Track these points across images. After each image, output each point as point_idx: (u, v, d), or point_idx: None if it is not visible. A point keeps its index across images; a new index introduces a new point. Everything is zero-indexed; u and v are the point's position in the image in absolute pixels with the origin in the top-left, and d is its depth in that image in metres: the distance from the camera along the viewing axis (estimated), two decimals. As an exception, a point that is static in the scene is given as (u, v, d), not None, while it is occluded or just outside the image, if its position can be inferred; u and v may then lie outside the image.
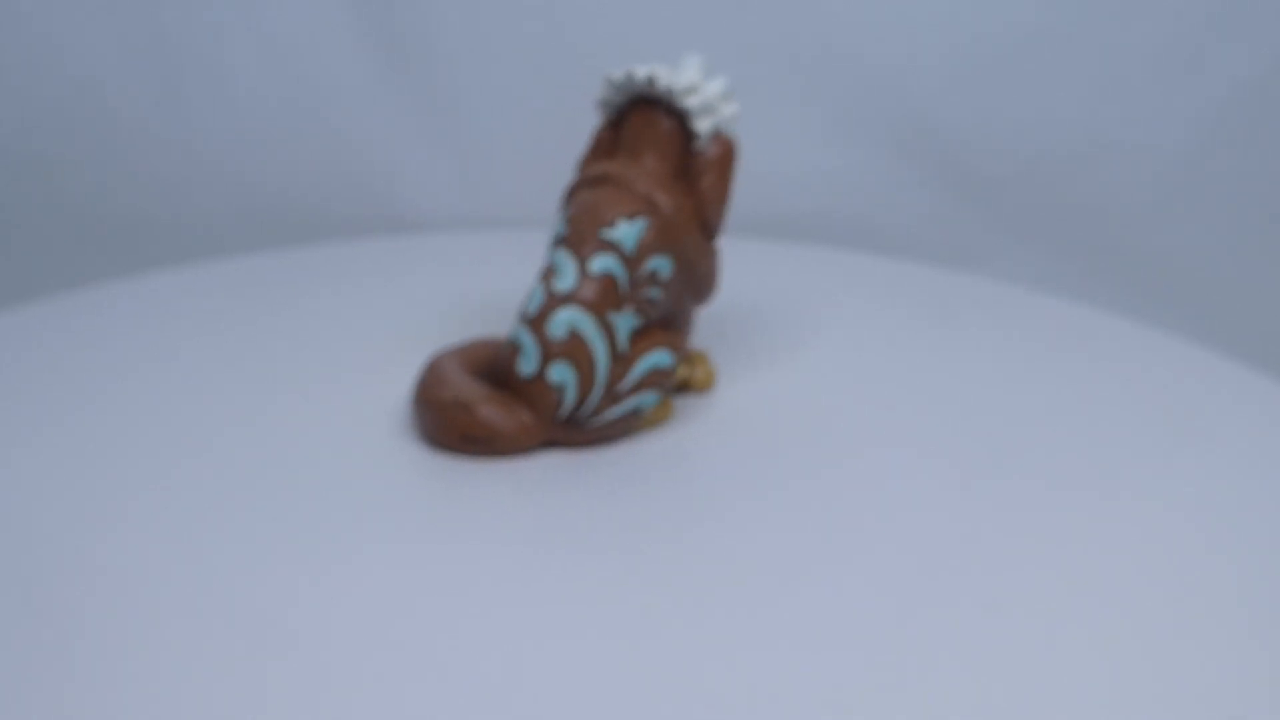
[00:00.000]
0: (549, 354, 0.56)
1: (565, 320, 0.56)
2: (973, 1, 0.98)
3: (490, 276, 0.86)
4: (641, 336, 0.58)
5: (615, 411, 0.57)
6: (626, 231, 0.56)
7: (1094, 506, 0.54)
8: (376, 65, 1.01)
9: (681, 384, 0.64)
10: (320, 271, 0.86)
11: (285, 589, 0.46)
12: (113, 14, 1.00)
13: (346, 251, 0.92)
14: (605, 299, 0.56)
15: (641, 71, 0.58)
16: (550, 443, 0.58)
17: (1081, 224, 1.06)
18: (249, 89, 1.02)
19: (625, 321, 0.57)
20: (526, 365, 0.57)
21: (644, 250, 0.57)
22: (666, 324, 0.60)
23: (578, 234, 0.57)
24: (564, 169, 1.08)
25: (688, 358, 0.64)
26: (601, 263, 0.56)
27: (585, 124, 1.03)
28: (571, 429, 0.57)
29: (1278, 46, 0.99)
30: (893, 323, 0.77)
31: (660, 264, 0.57)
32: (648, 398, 0.58)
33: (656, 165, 0.59)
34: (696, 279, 0.60)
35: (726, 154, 0.60)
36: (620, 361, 0.57)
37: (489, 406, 0.57)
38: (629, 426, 0.59)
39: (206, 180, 1.05)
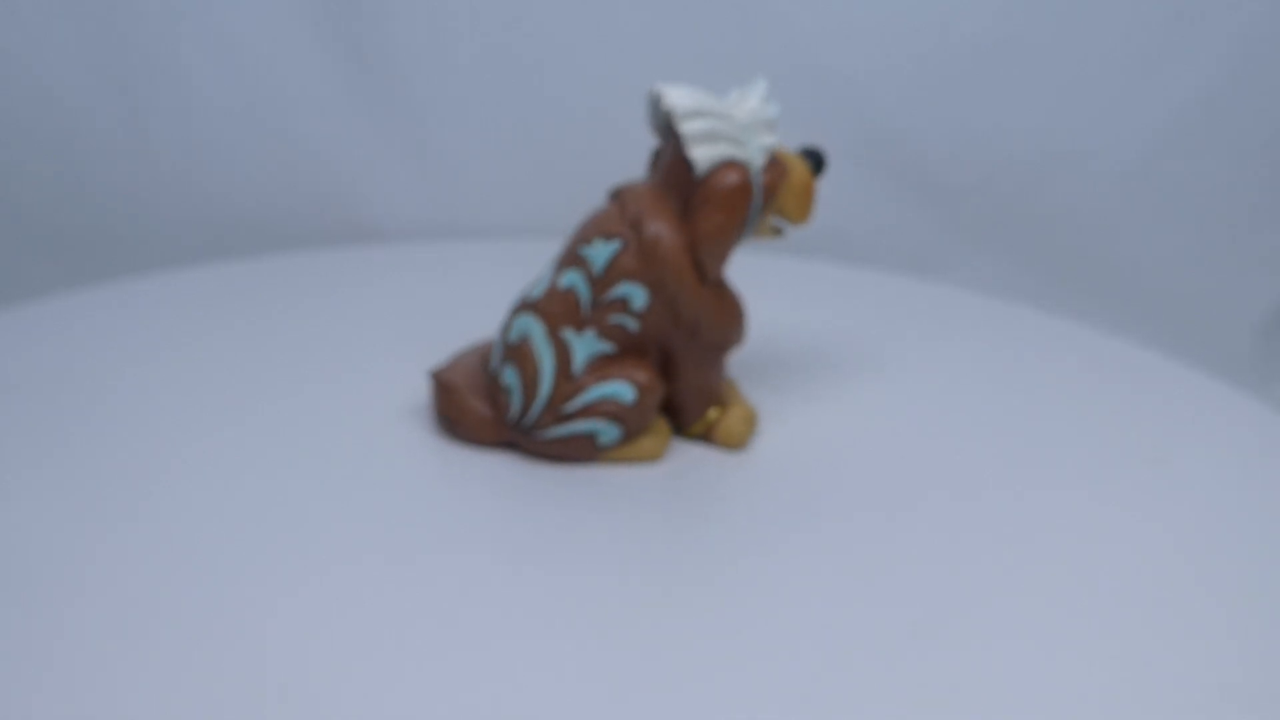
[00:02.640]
0: (505, 355, 0.57)
1: (521, 326, 0.56)
2: (934, 13, 0.99)
3: (458, 285, 0.86)
4: (606, 363, 0.55)
5: (560, 430, 0.55)
6: (599, 251, 0.54)
7: (1088, 523, 0.54)
8: (338, 74, 1.01)
9: (704, 431, 0.59)
10: (285, 280, 0.85)
11: (292, 597, 0.46)
12: (70, 21, 0.98)
13: (310, 261, 0.91)
14: (563, 314, 0.55)
15: (654, 90, 0.54)
16: (510, 444, 0.58)
17: (1042, 232, 1.07)
18: (209, 98, 1.01)
19: (585, 343, 0.55)
20: (494, 361, 0.58)
21: (614, 273, 0.54)
22: (642, 356, 0.56)
23: (567, 245, 0.56)
24: (526, 178, 1.08)
25: (721, 405, 0.59)
26: (569, 278, 0.55)
27: (546, 133, 1.04)
28: (523, 436, 0.57)
29: (1232, 57, 1.01)
30: (856, 331, 0.77)
31: (632, 291, 0.54)
32: (602, 427, 0.55)
33: (665, 191, 0.55)
34: (685, 320, 0.55)
35: (725, 190, 0.53)
36: (570, 381, 0.55)
37: (465, 395, 0.58)
38: (588, 452, 0.56)
39: (166, 190, 1.04)
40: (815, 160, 0.57)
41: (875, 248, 1.04)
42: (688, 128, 0.52)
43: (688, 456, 0.59)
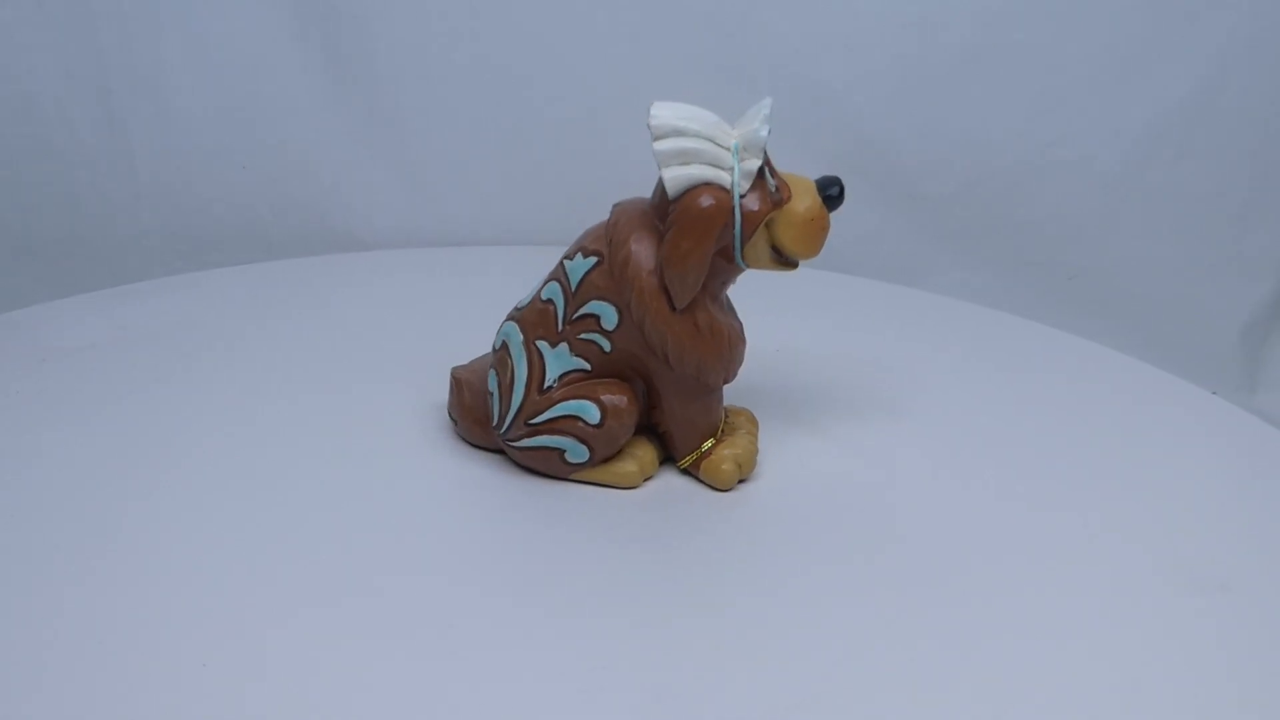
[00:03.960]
0: (492, 360, 0.57)
1: (505, 332, 0.56)
2: (915, 22, 1.00)
3: (440, 293, 0.86)
4: (579, 381, 0.54)
5: (531, 442, 0.54)
6: (577, 266, 0.53)
7: (1076, 536, 0.53)
8: (319, 84, 1.00)
9: (694, 463, 0.56)
10: (268, 289, 0.85)
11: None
12: (49, 32, 0.98)
13: (291, 270, 0.91)
14: (539, 325, 0.54)
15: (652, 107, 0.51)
16: (497, 450, 0.58)
17: (1024, 239, 1.07)
18: (189, 107, 1.00)
19: (558, 357, 0.54)
20: (490, 365, 0.58)
21: (587, 290, 0.52)
22: (619, 379, 0.54)
23: (562, 258, 0.55)
24: (507, 188, 1.08)
25: (718, 438, 0.56)
26: (550, 289, 0.54)
27: (528, 144, 1.04)
28: (503, 443, 0.56)
29: (1211, 65, 1.01)
30: (841, 335, 0.77)
31: (603, 310, 0.52)
32: (569, 444, 0.54)
33: (655, 210, 0.52)
34: (654, 346, 0.52)
35: (692, 214, 0.50)
36: (542, 394, 0.54)
37: (466, 396, 0.58)
38: (560, 468, 0.55)
39: (146, 200, 1.03)
40: (830, 191, 0.52)
41: (857, 255, 1.04)
42: (659, 146, 0.50)
43: (674, 487, 0.56)
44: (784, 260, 0.53)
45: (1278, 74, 1.02)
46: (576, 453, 0.54)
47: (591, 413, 0.53)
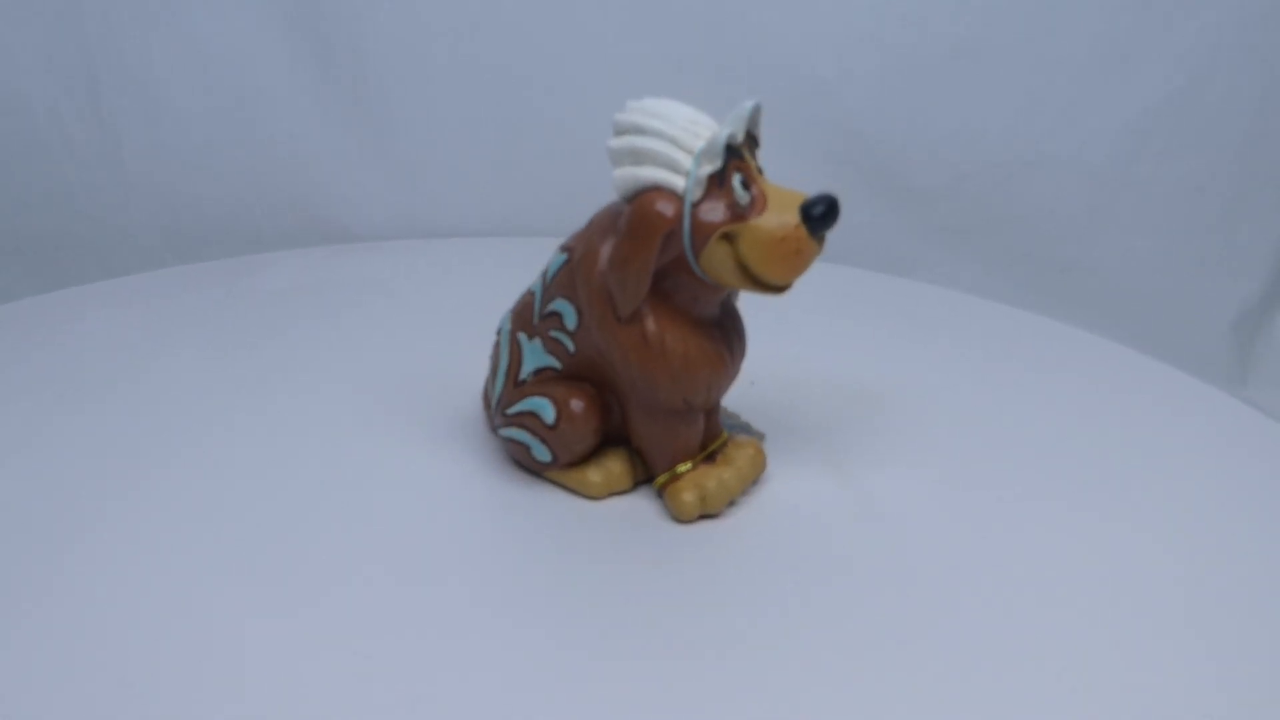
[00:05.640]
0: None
1: (502, 319, 0.56)
2: (906, 16, 1.00)
3: (432, 284, 0.85)
4: (548, 378, 0.52)
5: (506, 433, 0.54)
6: (554, 261, 0.52)
7: (1074, 528, 0.52)
8: (309, 78, 1.00)
9: (664, 485, 0.52)
10: (259, 283, 0.85)
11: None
12: (37, 27, 0.97)
13: (281, 263, 0.91)
14: (522, 317, 0.53)
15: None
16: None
17: (1014, 233, 1.07)
18: (179, 103, 1.00)
19: (533, 352, 0.52)
20: None
21: (555, 286, 0.50)
22: (586, 379, 0.52)
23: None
24: (497, 181, 1.08)
25: (698, 462, 0.52)
26: (535, 282, 0.53)
27: (517, 137, 1.03)
28: (494, 429, 0.56)
29: (1199, 59, 1.01)
30: (834, 324, 0.78)
31: (564, 309, 0.50)
32: (531, 441, 0.52)
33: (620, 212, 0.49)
34: (604, 352, 0.49)
35: (634, 218, 0.46)
36: (518, 386, 0.53)
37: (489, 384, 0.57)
38: (531, 464, 0.54)
39: (136, 195, 1.03)
40: (814, 210, 0.45)
41: (848, 248, 1.04)
42: (611, 144, 0.47)
43: (644, 508, 0.53)
44: (756, 280, 0.47)
45: (1265, 67, 1.02)
46: (539, 451, 0.53)
47: (548, 412, 0.51)
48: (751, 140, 0.48)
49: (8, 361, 0.68)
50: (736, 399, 0.59)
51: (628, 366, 0.49)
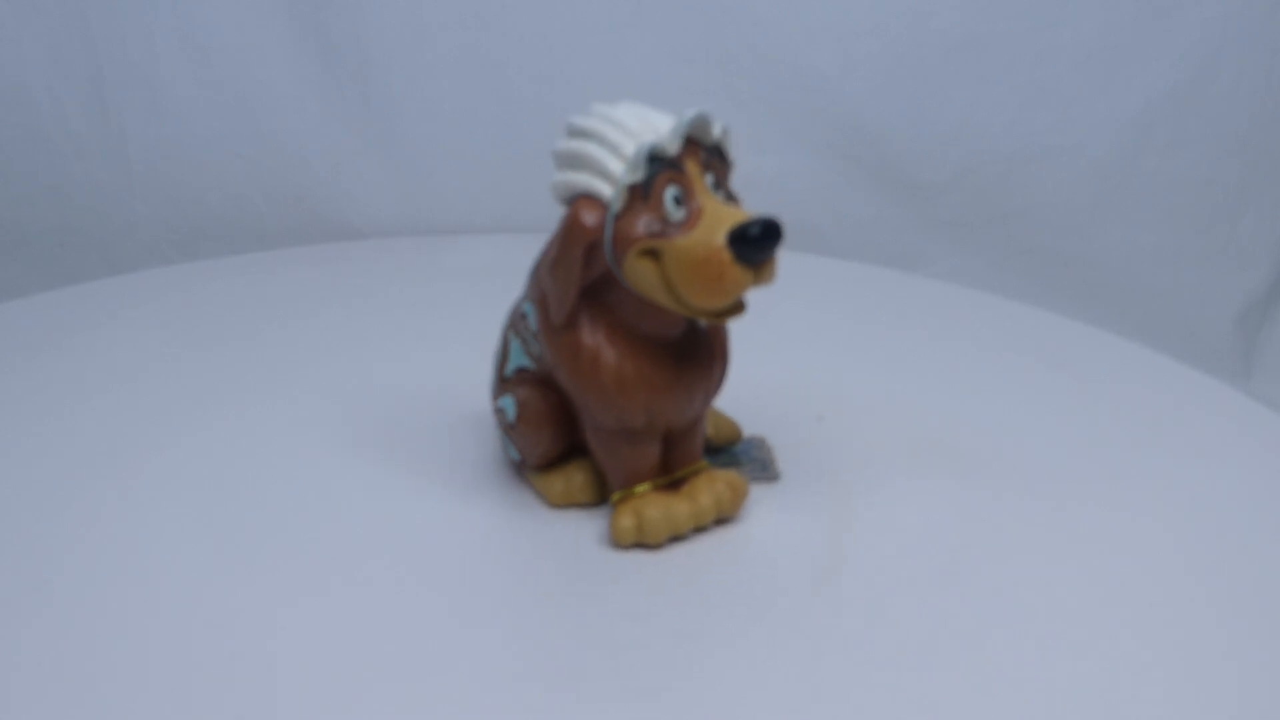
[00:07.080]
0: None
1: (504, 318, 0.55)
2: (908, 9, 0.99)
3: (437, 281, 0.85)
4: (524, 379, 0.51)
5: (496, 422, 0.54)
6: (537, 260, 0.49)
7: (1081, 524, 0.52)
8: (312, 72, 1.00)
9: (614, 504, 0.50)
10: (262, 279, 0.85)
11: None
12: (41, 21, 0.97)
13: (285, 259, 0.91)
14: (511, 315, 0.52)
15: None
16: None
17: (1017, 227, 1.07)
18: (182, 97, 1.00)
19: (516, 351, 0.51)
20: None
21: (530, 287, 0.49)
22: (550, 385, 0.49)
23: None
24: (500, 176, 1.07)
25: (657, 486, 0.49)
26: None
27: (520, 132, 1.03)
28: None
29: (1203, 52, 1.01)
30: (835, 321, 0.77)
31: (529, 310, 0.49)
32: (504, 439, 0.52)
33: None
34: (547, 358, 0.48)
35: (564, 223, 0.44)
36: (503, 382, 0.52)
37: None
38: (513, 457, 0.53)
39: (139, 190, 1.03)
40: (748, 231, 0.40)
41: (850, 242, 1.04)
42: (556, 147, 0.45)
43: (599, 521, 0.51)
44: (685, 304, 0.42)
45: (1269, 60, 1.02)
46: (510, 449, 0.52)
47: (511, 410, 0.51)
48: (716, 153, 0.45)
49: (11, 358, 0.69)
50: (797, 433, 0.57)
51: (560, 374, 0.47)
